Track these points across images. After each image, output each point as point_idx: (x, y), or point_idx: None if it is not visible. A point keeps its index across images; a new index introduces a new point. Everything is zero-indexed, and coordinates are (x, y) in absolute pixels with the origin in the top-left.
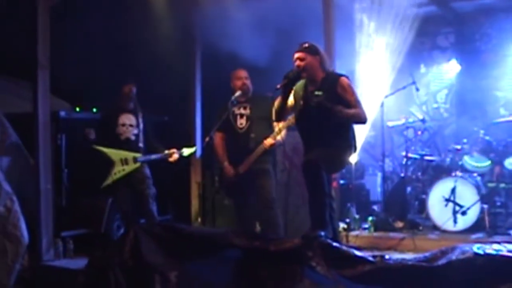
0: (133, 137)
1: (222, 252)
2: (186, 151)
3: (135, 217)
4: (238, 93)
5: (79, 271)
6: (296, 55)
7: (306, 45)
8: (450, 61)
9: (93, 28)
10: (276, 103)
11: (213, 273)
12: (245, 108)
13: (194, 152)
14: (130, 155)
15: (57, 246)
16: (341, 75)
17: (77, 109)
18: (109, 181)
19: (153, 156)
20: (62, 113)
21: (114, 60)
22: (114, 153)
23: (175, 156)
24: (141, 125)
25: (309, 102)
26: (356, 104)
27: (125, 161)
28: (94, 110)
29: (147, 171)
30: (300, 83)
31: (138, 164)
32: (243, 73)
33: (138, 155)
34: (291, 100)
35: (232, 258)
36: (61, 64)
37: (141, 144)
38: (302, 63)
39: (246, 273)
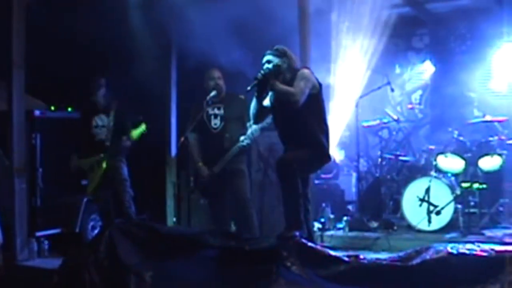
0: (104, 137)
1: (197, 252)
2: (135, 134)
3: (114, 217)
4: (213, 93)
5: (54, 270)
6: (264, 58)
7: (274, 48)
8: (425, 62)
9: (68, 27)
10: (252, 105)
11: (188, 273)
12: (219, 108)
13: (144, 131)
14: (93, 159)
15: (31, 245)
16: (303, 67)
17: (52, 108)
18: (91, 188)
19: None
20: (37, 113)
21: (89, 60)
22: (83, 163)
23: (125, 140)
24: (111, 124)
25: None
26: (295, 86)
27: (91, 168)
28: (69, 109)
29: (125, 172)
30: None
31: (104, 165)
32: (216, 73)
33: (101, 155)
34: (267, 102)
35: (208, 258)
36: (36, 63)
37: (107, 143)
38: (269, 66)
39: (221, 273)
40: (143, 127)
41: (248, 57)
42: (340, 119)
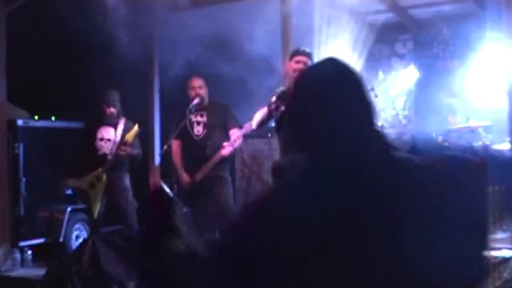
0: (108, 151)
1: None
2: (129, 136)
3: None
4: (196, 101)
5: (37, 281)
6: (302, 58)
7: (308, 50)
8: (408, 67)
9: (50, 35)
10: (261, 114)
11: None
12: (201, 115)
13: (138, 131)
14: (92, 175)
15: (14, 256)
16: None
17: (36, 117)
18: (94, 211)
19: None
20: (20, 122)
21: (71, 68)
22: (82, 182)
23: (123, 149)
24: (117, 138)
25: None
26: None
27: (92, 184)
28: (53, 118)
29: (126, 182)
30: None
31: (104, 178)
32: (196, 83)
33: (99, 170)
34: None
35: None
36: (19, 72)
37: (109, 157)
38: (304, 67)
39: None
40: (135, 128)
41: (231, 66)
42: None
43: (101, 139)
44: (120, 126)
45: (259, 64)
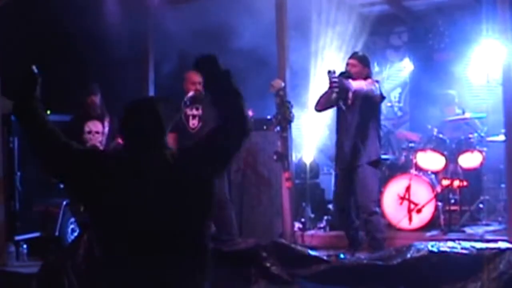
0: (98, 144)
1: None
2: None
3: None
4: (191, 94)
5: (32, 275)
6: (350, 61)
7: (356, 53)
8: (403, 60)
9: (43, 28)
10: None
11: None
12: (197, 109)
13: None
14: None
15: (10, 250)
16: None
17: None
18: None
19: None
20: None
21: (66, 62)
22: None
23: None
24: (106, 129)
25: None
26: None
27: None
28: (48, 112)
29: None
30: None
31: None
32: (197, 78)
33: None
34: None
35: None
36: (13, 65)
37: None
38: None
39: None
40: None
41: (225, 57)
42: (319, 119)
43: (89, 132)
44: (107, 119)
45: (254, 56)
